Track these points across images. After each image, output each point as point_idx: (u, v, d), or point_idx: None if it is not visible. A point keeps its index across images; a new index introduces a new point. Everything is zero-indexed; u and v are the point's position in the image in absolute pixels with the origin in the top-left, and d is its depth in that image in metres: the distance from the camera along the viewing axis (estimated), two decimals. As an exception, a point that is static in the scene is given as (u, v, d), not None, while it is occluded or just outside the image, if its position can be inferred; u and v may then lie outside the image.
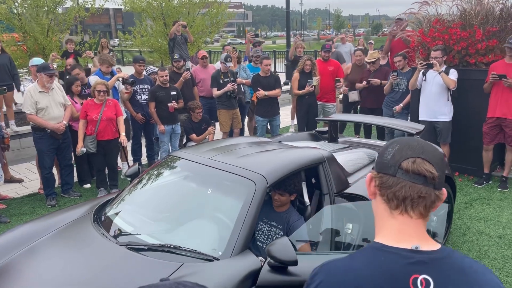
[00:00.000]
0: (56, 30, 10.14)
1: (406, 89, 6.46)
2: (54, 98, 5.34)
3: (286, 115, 8.63)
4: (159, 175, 3.50)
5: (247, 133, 8.11)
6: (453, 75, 5.57)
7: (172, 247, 2.62)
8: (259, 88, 6.66)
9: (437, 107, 5.73)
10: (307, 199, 3.55)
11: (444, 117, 5.74)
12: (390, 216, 1.12)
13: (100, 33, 11.87)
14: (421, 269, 1.03)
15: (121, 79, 6.18)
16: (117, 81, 6.21)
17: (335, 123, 5.08)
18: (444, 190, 1.10)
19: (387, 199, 1.11)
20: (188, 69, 7.64)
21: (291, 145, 3.88)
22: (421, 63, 5.66)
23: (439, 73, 5.51)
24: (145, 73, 6.76)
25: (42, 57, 8.32)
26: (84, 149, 5.42)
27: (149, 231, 2.95)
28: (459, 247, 4.23)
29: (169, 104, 6.20)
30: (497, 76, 5.21)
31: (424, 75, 5.76)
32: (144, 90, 6.46)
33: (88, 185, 6.11)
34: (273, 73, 7.00)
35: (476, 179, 5.88)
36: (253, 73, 7.32)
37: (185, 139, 6.93)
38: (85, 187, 6.09)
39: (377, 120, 5.60)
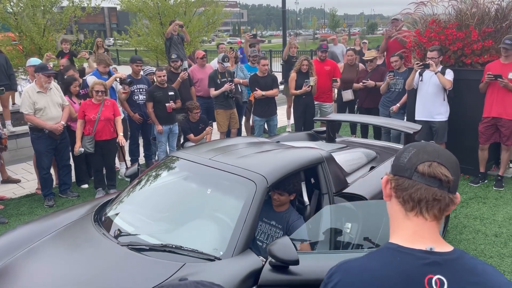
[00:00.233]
0: (52, 29, 10.09)
1: (402, 89, 6.52)
2: (52, 98, 5.33)
3: (282, 115, 8.66)
4: (159, 175, 3.51)
5: (244, 133, 8.13)
6: (449, 75, 5.63)
7: (173, 247, 2.63)
8: (257, 88, 6.68)
9: (433, 107, 5.78)
10: (306, 199, 3.58)
11: (440, 116, 5.79)
12: (405, 217, 1.15)
13: (96, 33, 11.74)
14: (436, 270, 1.07)
15: (118, 79, 6.18)
16: (115, 81, 6.20)
17: (333, 123, 5.11)
18: (458, 194, 1.13)
19: (403, 201, 1.14)
20: (185, 69, 7.64)
21: (290, 145, 3.90)
22: (417, 64, 5.71)
23: (436, 73, 5.57)
24: (142, 73, 6.76)
25: (38, 57, 8.27)
26: (82, 149, 5.42)
27: (151, 231, 2.96)
28: (456, 246, 4.26)
29: (167, 104, 6.22)
30: (492, 76, 5.26)
31: (420, 75, 5.81)
32: (141, 90, 6.45)
33: (86, 185, 6.11)
34: (271, 73, 7.02)
35: (472, 178, 5.94)
36: (250, 73, 7.34)
37: (182, 138, 6.94)
38: (83, 187, 6.09)
39: (375, 120, 5.64)
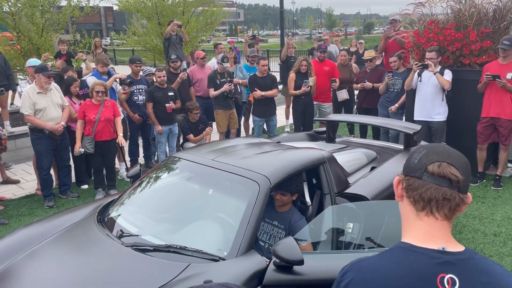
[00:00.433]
0: (50, 29, 10.07)
1: (401, 89, 6.54)
2: (52, 99, 5.33)
3: (280, 115, 8.68)
4: (162, 176, 3.51)
5: (243, 133, 8.14)
6: (448, 75, 5.66)
7: (178, 247, 2.64)
8: (256, 88, 6.69)
9: (432, 107, 5.81)
10: (308, 199, 3.59)
11: (439, 117, 5.82)
12: (416, 217, 1.17)
13: (93, 33, 11.71)
14: (448, 269, 1.09)
15: (118, 80, 6.18)
16: (115, 82, 6.21)
17: (333, 123, 5.13)
18: (469, 194, 1.16)
19: (414, 200, 1.16)
20: (184, 69, 7.64)
21: (291, 146, 3.92)
22: (416, 64, 5.74)
23: (434, 74, 5.60)
24: (141, 73, 6.76)
25: (36, 57, 8.26)
26: (82, 150, 5.42)
27: (154, 232, 2.97)
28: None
29: (166, 104, 6.22)
30: (491, 76, 5.29)
31: (419, 75, 5.83)
32: (140, 90, 6.45)
33: (86, 186, 6.11)
34: (270, 74, 7.04)
35: (470, 178, 5.96)
36: (250, 73, 7.35)
37: (182, 139, 6.95)
38: (83, 187, 6.08)
39: (374, 120, 5.67)
